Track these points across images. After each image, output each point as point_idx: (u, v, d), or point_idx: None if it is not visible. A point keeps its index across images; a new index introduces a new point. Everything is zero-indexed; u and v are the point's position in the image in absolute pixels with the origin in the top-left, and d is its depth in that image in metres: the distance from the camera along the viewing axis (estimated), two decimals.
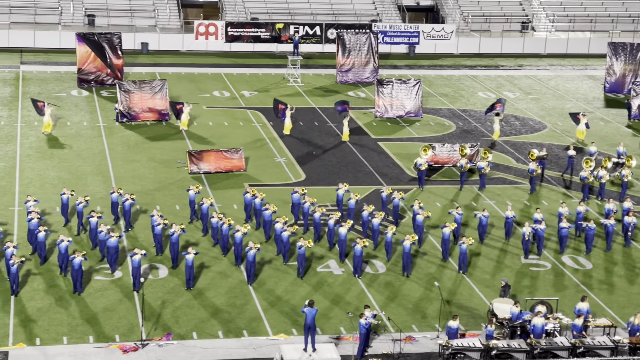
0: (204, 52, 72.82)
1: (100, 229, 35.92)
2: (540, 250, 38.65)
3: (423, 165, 45.21)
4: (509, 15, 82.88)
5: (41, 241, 35.33)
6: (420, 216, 38.74)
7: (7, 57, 67.50)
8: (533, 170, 45.47)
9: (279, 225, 37.09)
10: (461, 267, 36.63)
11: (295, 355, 29.10)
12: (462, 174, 45.75)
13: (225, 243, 37.14)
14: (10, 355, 29.72)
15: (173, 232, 35.58)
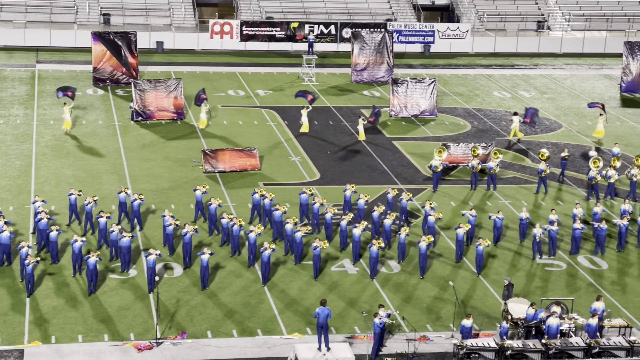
0: (219, 51, 72.90)
1: (112, 229, 35.94)
2: (553, 251, 38.47)
3: (438, 167, 44.99)
4: (525, 15, 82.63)
5: (53, 240, 35.36)
6: (431, 217, 38.63)
7: (23, 55, 67.74)
8: (542, 170, 45.28)
9: (289, 225, 37.04)
10: (478, 269, 36.49)
11: (309, 354, 29.09)
12: (474, 174, 45.56)
13: (236, 244, 37.06)
14: (25, 353, 29.83)
15: (186, 232, 35.57)
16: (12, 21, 72.24)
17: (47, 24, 72.75)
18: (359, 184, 45.30)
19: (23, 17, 72.94)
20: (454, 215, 42.00)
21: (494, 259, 38.08)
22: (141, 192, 42.73)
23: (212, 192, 43.27)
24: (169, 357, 30.03)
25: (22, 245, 33.66)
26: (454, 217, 41.75)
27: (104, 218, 36.90)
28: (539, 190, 45.41)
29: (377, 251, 35.33)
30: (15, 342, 30.37)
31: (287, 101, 59.56)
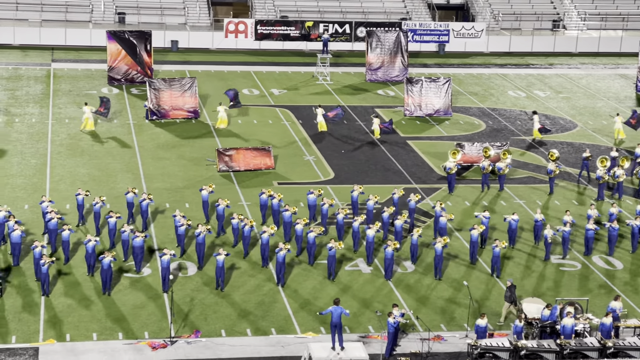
0: (233, 50, 72.97)
1: (124, 228, 35.90)
2: (565, 252, 38.29)
3: (452, 169, 44.72)
4: (540, 14, 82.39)
5: (65, 240, 35.34)
6: (443, 218, 38.47)
7: (38, 54, 67.97)
8: (552, 170, 45.07)
9: (300, 226, 36.96)
10: (494, 271, 36.34)
11: (323, 353, 29.07)
12: (485, 175, 45.33)
13: (247, 244, 36.94)
14: (40, 351, 29.92)
15: (199, 233, 35.52)
16: (28, 20, 72.50)
17: (63, 23, 72.98)
18: (373, 184, 45.32)
19: (39, 16, 73.20)
20: (465, 217, 41.86)
21: (508, 260, 37.95)
22: (155, 191, 42.88)
23: (227, 191, 43.34)
24: (183, 356, 30.08)
25: (36, 245, 33.71)
26: (465, 218, 41.62)
27: (113, 218, 36.83)
28: (552, 191, 45.21)
29: (392, 252, 35.22)
30: (30, 340, 30.48)
31: (302, 100, 59.58)
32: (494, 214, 41.51)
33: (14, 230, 35.00)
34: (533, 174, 47.82)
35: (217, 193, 42.86)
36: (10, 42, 70.26)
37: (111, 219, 36.83)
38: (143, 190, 42.90)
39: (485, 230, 38.33)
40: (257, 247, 37.30)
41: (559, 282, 36.37)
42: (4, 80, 60.49)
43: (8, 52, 68.27)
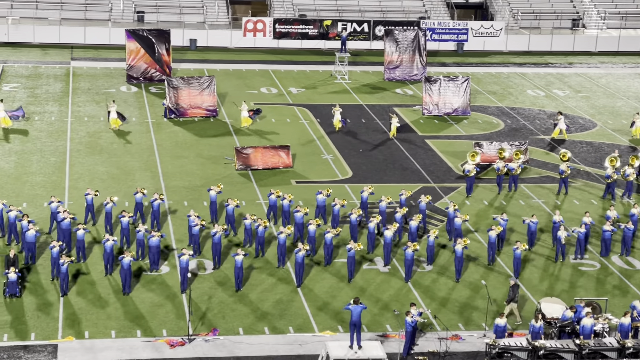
0: (251, 49, 73.04)
1: (139, 228, 35.82)
2: (579, 253, 38.02)
3: (471, 171, 44.26)
4: (560, 12, 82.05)
5: (80, 239, 35.31)
6: (458, 219, 38.18)
7: (58, 53, 68.24)
8: (563, 171, 44.79)
9: (312, 227, 36.76)
10: (515, 273, 36.02)
11: (341, 352, 29.05)
12: (499, 177, 44.94)
13: (261, 245, 36.78)
14: (59, 348, 30.04)
15: (215, 233, 35.42)
16: (48, 18, 72.83)
17: (82, 22, 73.25)
18: (391, 183, 45.27)
19: (58, 14, 73.50)
20: (480, 218, 41.67)
21: (527, 262, 37.75)
22: (174, 189, 42.99)
23: (245, 190, 43.41)
24: (201, 354, 30.13)
25: (54, 245, 33.72)
26: (481, 220, 41.46)
27: (126, 218, 36.76)
28: (567, 191, 44.97)
29: (412, 254, 35.04)
30: (49, 338, 30.61)
31: (320, 99, 59.58)
32: (511, 216, 41.28)
33: (29, 229, 34.96)
34: (552, 174, 47.57)
35: (236, 192, 42.97)
36: (30, 40, 70.59)
37: (124, 219, 36.74)
38: (160, 190, 43.06)
39: (503, 232, 38.09)
40: (271, 247, 37.30)
41: (576, 282, 36.22)
42: (23, 78, 60.78)
43: (28, 50, 68.58)
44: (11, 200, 40.71)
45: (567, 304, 32.24)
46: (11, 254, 33.15)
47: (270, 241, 37.89)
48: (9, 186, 42.75)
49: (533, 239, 38.70)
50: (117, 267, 34.53)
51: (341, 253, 37.19)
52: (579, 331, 30.39)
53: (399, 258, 36.97)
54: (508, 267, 36.78)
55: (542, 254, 38.42)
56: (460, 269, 35.66)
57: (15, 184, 43.11)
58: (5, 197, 41.23)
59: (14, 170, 44.79)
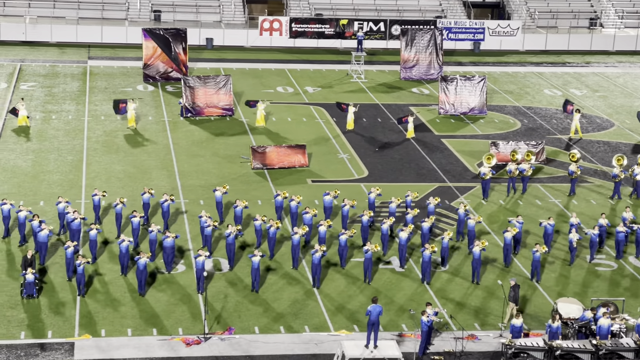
0: (268, 48, 73.09)
1: (151, 228, 35.71)
2: (591, 256, 37.84)
3: (487, 174, 43.68)
4: (577, 12, 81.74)
5: (93, 239, 35.24)
6: (471, 221, 37.83)
7: (75, 52, 68.46)
8: (573, 172, 44.56)
9: (323, 228, 36.57)
10: (534, 275, 35.89)
11: (356, 351, 29.02)
12: (511, 179, 44.48)
13: (272, 246, 36.52)
14: (76, 346, 30.15)
15: (229, 233, 35.27)
16: (65, 18, 73.08)
17: (99, 21, 73.49)
18: (407, 182, 45.21)
19: (75, 13, 73.75)
20: (493, 220, 41.58)
21: (544, 264, 37.61)
22: (190, 188, 43.06)
23: (261, 189, 43.43)
24: (217, 352, 30.18)
25: (68, 245, 33.70)
26: (494, 221, 41.37)
27: (137, 218, 36.72)
28: (574, 191, 44.67)
29: (429, 255, 34.85)
30: (65, 335, 30.72)
31: (336, 98, 59.51)
32: (526, 218, 41.09)
33: (42, 229, 34.90)
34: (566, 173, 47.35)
35: (252, 190, 43.04)
36: (48, 39, 70.86)
37: (134, 219, 36.68)
38: (177, 189, 43.15)
39: (519, 233, 37.83)
40: (281, 248, 37.28)
41: (591, 283, 36.08)
42: (41, 77, 61.01)
43: (45, 49, 68.85)
44: (28, 199, 40.94)
45: (584, 305, 32.09)
46: (29, 255, 33.13)
47: (281, 242, 37.80)
48: (27, 184, 42.93)
49: (549, 241, 38.35)
50: (132, 267, 34.59)
51: (355, 254, 37.11)
52: (595, 331, 30.28)
53: (416, 260, 36.87)
54: (526, 269, 36.62)
55: (558, 257, 38.14)
56: (478, 271, 35.44)
57: (32, 182, 43.29)
58: (23, 195, 41.45)
59: (31, 169, 44.98)
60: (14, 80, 59.65)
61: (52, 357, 29.46)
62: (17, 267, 34.56)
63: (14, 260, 35.51)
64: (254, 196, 42.21)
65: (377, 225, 39.15)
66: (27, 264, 32.83)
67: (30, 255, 33.11)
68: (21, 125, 50.79)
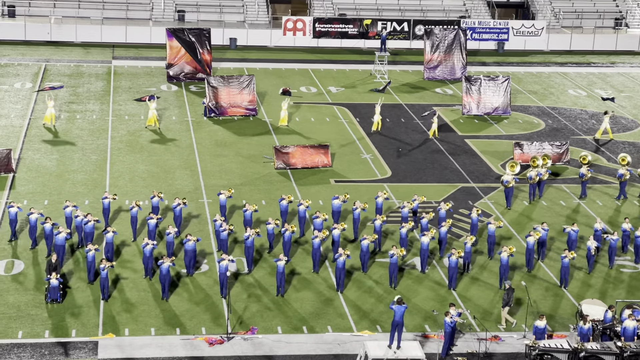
0: (291, 48, 73.12)
1: (168, 230, 35.55)
2: (611, 263, 37.36)
3: (510, 182, 42.74)
4: (602, 12, 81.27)
5: (109, 242, 35.10)
6: (492, 226, 37.25)
7: (99, 52, 68.77)
8: (583, 174, 44.15)
9: (337, 231, 36.26)
10: (562, 282, 35.35)
11: (379, 352, 28.98)
12: (532, 186, 43.63)
13: (288, 249, 36.08)
14: (99, 345, 30.27)
15: (248, 236, 35.03)
16: (90, 18, 73.43)
17: (123, 21, 73.79)
18: (430, 182, 45.12)
19: (100, 14, 74.09)
20: (516, 225, 41.41)
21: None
22: (213, 187, 43.13)
23: (284, 189, 43.43)
24: (240, 352, 30.21)
25: (90, 249, 33.55)
26: (516, 227, 41.19)
27: (154, 220, 36.71)
28: (584, 194, 44.34)
29: (456, 261, 34.34)
30: (89, 334, 30.85)
31: (359, 98, 59.51)
32: (548, 223, 40.91)
33: (60, 232, 34.60)
34: (593, 174, 47.07)
35: (275, 190, 43.05)
36: (72, 39, 71.21)
37: (151, 221, 36.69)
38: (200, 189, 43.26)
39: (543, 237, 37.23)
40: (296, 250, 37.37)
41: (617, 285, 35.87)
42: (65, 77, 61.32)
43: (70, 49, 69.20)
44: (53, 198, 41.16)
45: (608, 307, 31.89)
46: (53, 259, 33.02)
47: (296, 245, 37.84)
48: (51, 184, 43.16)
49: (573, 247, 37.73)
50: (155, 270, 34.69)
51: (370, 257, 37.03)
52: (620, 333, 30.09)
53: (442, 265, 36.78)
54: (554, 275, 36.36)
55: (582, 264, 37.69)
56: (506, 277, 34.81)
57: (57, 181, 43.52)
58: (47, 194, 41.68)
59: (55, 168, 45.22)
60: (39, 80, 59.99)
61: (76, 356, 29.59)
62: (39, 266, 34.73)
63: (37, 261, 35.62)
64: (278, 196, 42.22)
65: (390, 229, 38.98)
66: (51, 268, 32.76)
67: (54, 260, 33.00)
68: (46, 123, 51.07)
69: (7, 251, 36.37)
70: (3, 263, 35.43)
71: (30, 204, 39.68)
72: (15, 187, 42.55)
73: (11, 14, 73.32)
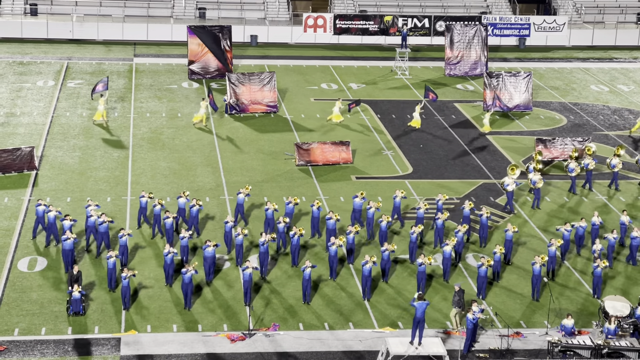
0: (312, 45, 73.11)
1: (182, 234, 35.26)
2: (634, 259, 37.03)
3: (510, 185, 41.78)
4: (624, 7, 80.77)
5: (123, 245, 34.90)
6: (509, 232, 36.40)
7: (121, 49, 69.02)
8: (573, 169, 43.93)
9: (351, 235, 35.87)
10: (595, 292, 34.52)
11: (401, 348, 28.98)
12: (536, 191, 42.59)
13: (297, 254, 35.85)
14: (122, 341, 30.42)
15: (263, 242, 34.61)
16: (111, 15, 73.69)
17: (145, 18, 74.01)
18: (452, 179, 45.03)
19: (121, 11, 74.34)
20: (539, 226, 41.34)
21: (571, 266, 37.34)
22: (234, 184, 43.22)
23: (305, 186, 43.46)
24: (261, 349, 30.28)
25: (110, 255, 33.20)
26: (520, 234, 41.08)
27: (170, 219, 36.57)
28: (574, 190, 44.10)
29: (485, 270, 33.58)
30: (112, 331, 31.01)
31: (380, 94, 59.44)
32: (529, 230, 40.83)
33: (67, 239, 34.21)
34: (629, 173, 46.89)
35: (296, 187, 43.09)
36: (94, 37, 71.50)
37: (168, 220, 36.59)
38: (222, 186, 43.34)
39: (566, 244, 36.94)
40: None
41: (637, 281, 35.81)
42: (87, 74, 61.58)
43: (92, 47, 69.49)
44: (75, 195, 41.38)
45: (631, 303, 31.76)
46: (75, 271, 32.47)
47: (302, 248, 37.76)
48: (74, 181, 43.38)
49: (581, 243, 37.61)
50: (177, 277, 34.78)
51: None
52: None
53: (472, 275, 36.67)
54: (587, 284, 36.27)
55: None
56: (538, 287, 34.00)
57: (79, 179, 43.74)
58: (70, 192, 41.91)
59: (78, 166, 45.44)
60: (61, 78, 60.29)
61: (99, 353, 29.75)
62: (60, 264, 34.90)
63: (59, 259, 35.74)
64: (299, 192, 42.25)
65: (400, 230, 38.93)
66: (73, 280, 32.21)
67: (76, 271, 32.45)
68: (97, 120, 51.48)
69: (30, 248, 36.60)
70: (26, 260, 35.67)
71: (52, 202, 39.87)
72: (38, 185, 42.81)
73: (33, 12, 73.71)
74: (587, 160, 44.44)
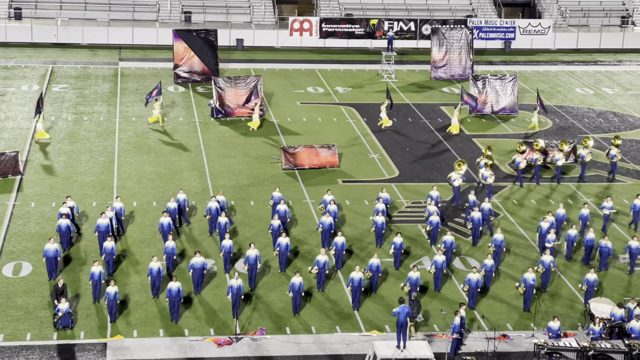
0: (298, 48, 73.12)
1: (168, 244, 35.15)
2: (631, 268, 37.17)
3: (457, 180, 41.77)
4: (609, 10, 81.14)
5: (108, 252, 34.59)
6: (498, 235, 36.31)
7: (106, 53, 68.88)
8: (583, 156, 44.52)
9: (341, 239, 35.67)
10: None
11: (388, 352, 28.96)
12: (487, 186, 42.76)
13: (284, 259, 35.60)
14: (108, 346, 30.32)
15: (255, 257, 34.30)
16: (96, 19, 73.54)
17: (130, 22, 73.86)
18: (438, 182, 45.06)
19: (106, 15, 74.19)
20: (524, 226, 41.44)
21: (574, 264, 37.39)
22: (221, 188, 43.15)
23: (291, 189, 43.42)
24: (248, 352, 30.23)
25: (95, 267, 32.60)
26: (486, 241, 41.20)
27: (167, 219, 36.55)
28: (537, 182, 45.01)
29: (477, 281, 32.93)
30: (98, 336, 30.89)
31: (366, 98, 59.49)
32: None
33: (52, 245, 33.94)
34: (601, 172, 47.02)
35: (283, 191, 42.99)
36: (79, 41, 71.32)
37: (164, 220, 36.70)
38: (208, 190, 43.26)
39: (569, 249, 37.05)
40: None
41: (631, 284, 35.85)
42: (72, 79, 61.42)
43: (77, 51, 69.30)
44: (60, 200, 41.20)
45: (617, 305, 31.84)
46: (59, 284, 31.93)
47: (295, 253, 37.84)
48: (59, 186, 43.23)
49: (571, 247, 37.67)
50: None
51: None
52: (628, 331, 30.03)
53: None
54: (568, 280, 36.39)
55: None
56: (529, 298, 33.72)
57: (64, 183, 43.59)
58: (55, 197, 41.75)
59: (63, 170, 45.29)
60: (46, 82, 60.11)
61: (85, 358, 29.64)
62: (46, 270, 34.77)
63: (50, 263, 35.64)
64: (286, 196, 42.19)
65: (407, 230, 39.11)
66: (58, 293, 31.70)
67: (61, 284, 31.96)
68: (155, 122, 51.86)
69: (14, 253, 36.45)
70: (11, 265, 35.53)
71: (37, 207, 39.72)
72: (23, 190, 42.64)
73: (18, 16, 73.49)
74: (535, 155, 45.15)
